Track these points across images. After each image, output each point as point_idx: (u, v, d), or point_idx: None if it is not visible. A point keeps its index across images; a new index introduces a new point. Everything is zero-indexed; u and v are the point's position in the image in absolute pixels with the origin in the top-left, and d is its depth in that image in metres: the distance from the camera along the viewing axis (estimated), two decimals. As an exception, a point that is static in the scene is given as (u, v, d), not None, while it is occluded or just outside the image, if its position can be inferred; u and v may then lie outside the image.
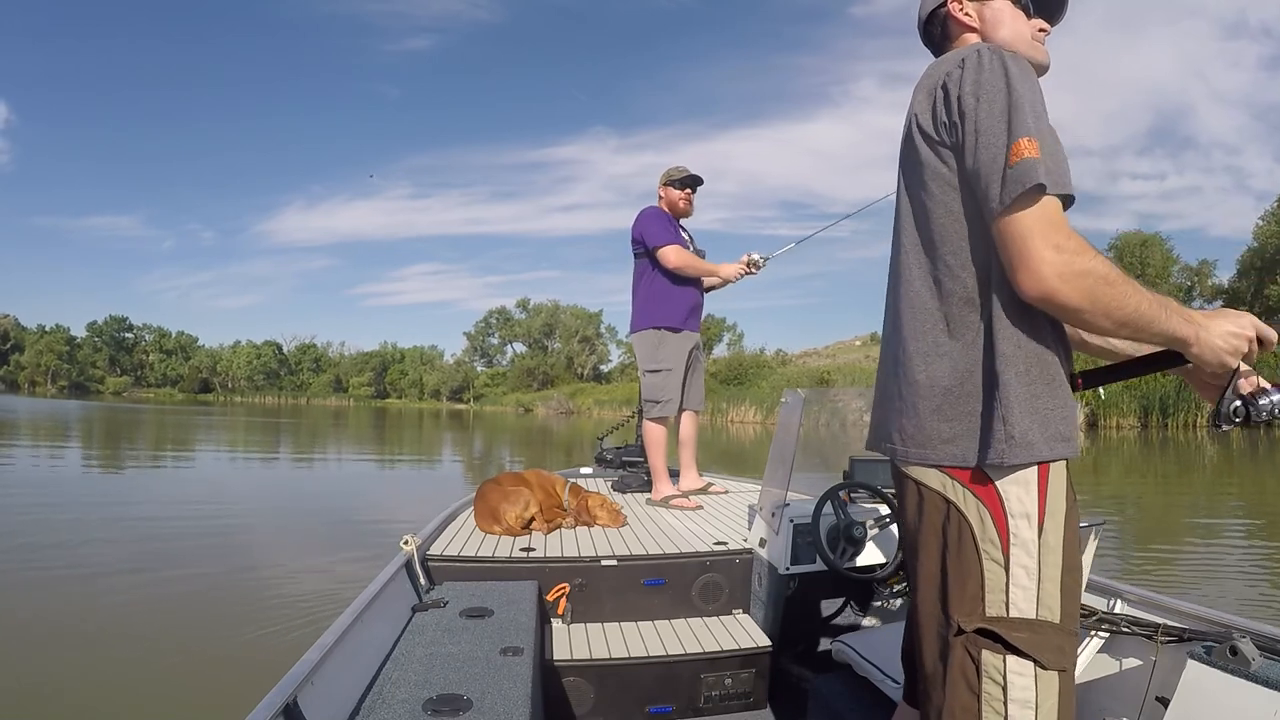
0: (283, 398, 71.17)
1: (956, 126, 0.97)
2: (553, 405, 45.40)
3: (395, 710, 1.24)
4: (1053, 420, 0.96)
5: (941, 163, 1.01)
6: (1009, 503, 0.96)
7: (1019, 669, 0.93)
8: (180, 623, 3.72)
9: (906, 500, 1.08)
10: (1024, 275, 0.90)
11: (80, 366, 75.71)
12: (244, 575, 4.70)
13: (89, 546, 5.31)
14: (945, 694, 0.97)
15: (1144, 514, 7.86)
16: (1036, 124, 0.92)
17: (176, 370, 78.88)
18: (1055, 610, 0.95)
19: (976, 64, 0.96)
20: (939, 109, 1.00)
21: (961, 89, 0.97)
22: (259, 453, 14.87)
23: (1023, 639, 0.93)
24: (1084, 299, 0.90)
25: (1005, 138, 0.92)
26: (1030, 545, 0.95)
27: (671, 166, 3.36)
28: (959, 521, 0.98)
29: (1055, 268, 0.88)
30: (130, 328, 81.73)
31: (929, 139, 1.02)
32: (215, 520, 6.54)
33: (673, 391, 3.17)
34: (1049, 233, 0.89)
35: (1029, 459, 0.95)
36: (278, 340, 79.29)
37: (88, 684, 2.93)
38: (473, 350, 67.21)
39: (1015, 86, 0.93)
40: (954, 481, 0.99)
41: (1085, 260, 0.89)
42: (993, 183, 0.92)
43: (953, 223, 1.00)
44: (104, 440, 16.87)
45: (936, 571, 1.00)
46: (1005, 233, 0.92)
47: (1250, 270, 32.94)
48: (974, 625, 0.95)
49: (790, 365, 41.93)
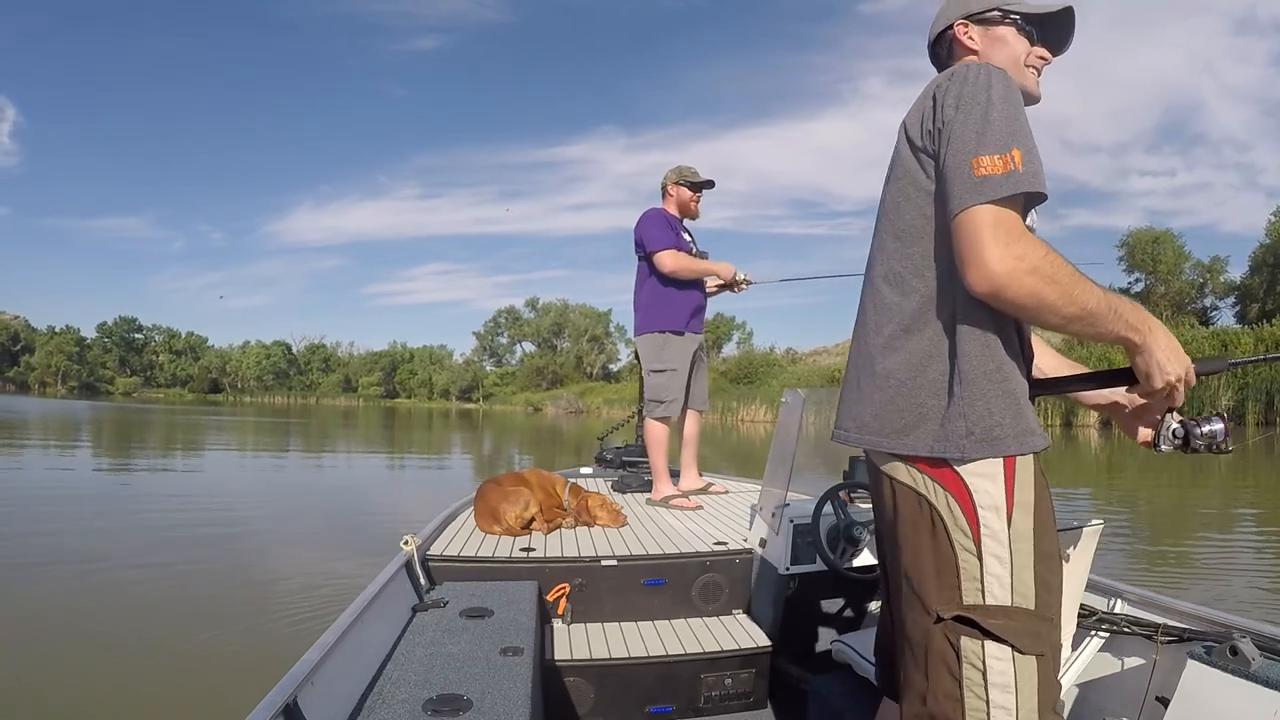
0: (292, 398, 71.65)
1: (939, 134, 1.02)
2: (562, 404, 45.55)
3: (395, 710, 1.25)
4: (1012, 415, 0.99)
5: (920, 168, 1.06)
6: (976, 495, 0.99)
7: (997, 654, 0.96)
8: (180, 623, 3.73)
9: (881, 495, 1.11)
10: (973, 271, 0.94)
11: (90, 367, 76.44)
12: (247, 575, 4.73)
13: (91, 545, 5.35)
14: (928, 679, 1.00)
15: (1156, 513, 7.81)
16: (1010, 139, 0.95)
17: (186, 370, 79.56)
18: (1030, 597, 0.98)
19: (963, 77, 1.01)
20: (925, 117, 1.05)
21: (945, 99, 1.02)
22: (267, 452, 14.94)
23: (998, 625, 0.96)
24: (1029, 295, 0.93)
25: (974, 148, 0.96)
26: (1000, 534, 0.98)
27: (682, 165, 3.33)
28: (930, 513, 1.01)
29: (1003, 264, 0.92)
30: (140, 328, 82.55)
31: (913, 145, 1.07)
32: (219, 521, 6.57)
33: (677, 391, 3.18)
34: (998, 232, 0.93)
35: (990, 454, 0.98)
36: (287, 340, 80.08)
37: (87, 683, 2.95)
38: (482, 350, 67.69)
39: (994, 101, 0.97)
40: (923, 475, 1.02)
41: (1032, 258, 0.93)
42: (954, 186, 0.97)
43: (923, 224, 1.05)
44: (113, 440, 16.98)
45: (913, 562, 1.04)
46: (958, 232, 0.96)
47: (1262, 267, 32.65)
48: (951, 613, 0.98)
49: (801, 364, 41.77)
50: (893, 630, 1.14)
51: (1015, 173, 0.94)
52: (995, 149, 0.95)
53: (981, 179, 0.94)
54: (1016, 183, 0.94)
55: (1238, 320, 32.68)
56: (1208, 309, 35.56)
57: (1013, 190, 0.93)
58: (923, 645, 1.01)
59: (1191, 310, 34.00)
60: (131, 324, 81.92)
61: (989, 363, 1.00)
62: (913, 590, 1.03)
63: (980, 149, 0.95)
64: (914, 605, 1.03)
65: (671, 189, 3.31)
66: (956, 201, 0.96)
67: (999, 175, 0.94)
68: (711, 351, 46.96)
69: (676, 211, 3.32)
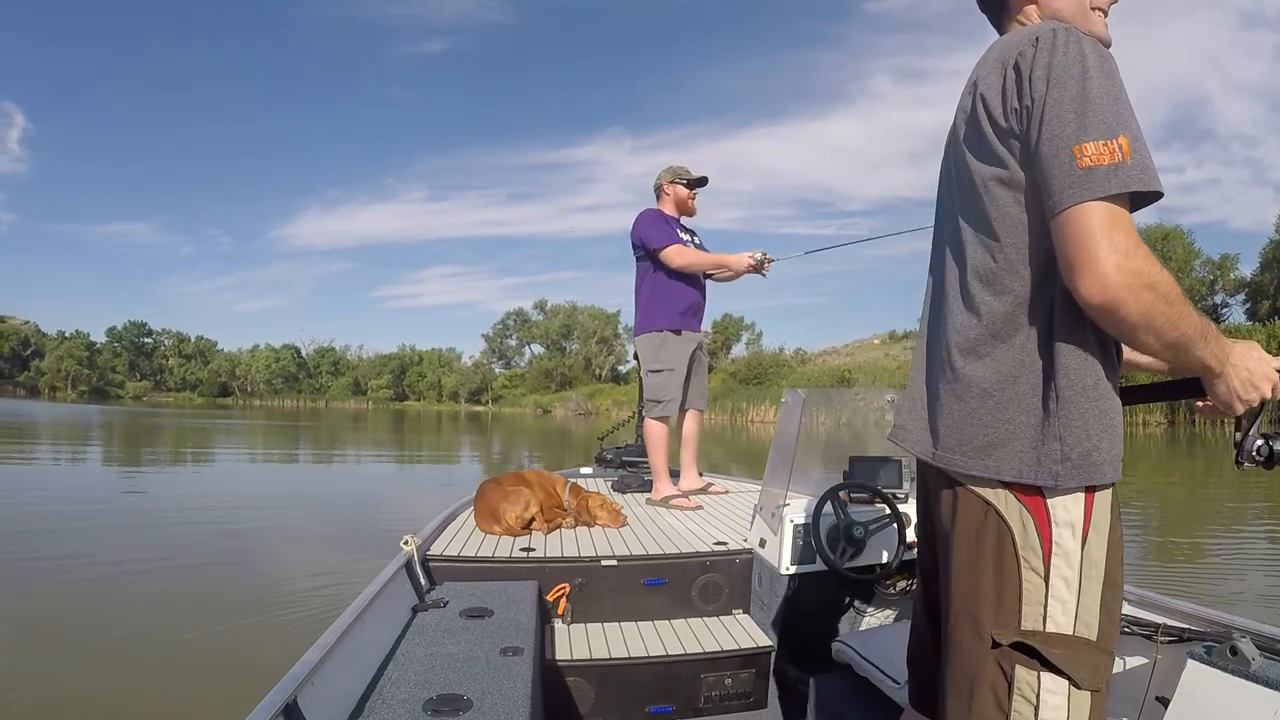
0: (301, 401, 71.82)
1: (1026, 112, 0.89)
2: (571, 406, 45.57)
3: (395, 710, 1.25)
4: (1109, 438, 0.89)
5: (1005, 150, 0.92)
6: (1054, 511, 0.90)
7: (1054, 687, 0.88)
8: (180, 623, 3.75)
9: (939, 501, 1.00)
10: (1087, 279, 0.82)
11: (100, 371, 76.78)
12: (250, 576, 4.75)
13: (94, 547, 5.38)
14: (969, 708, 0.92)
15: (1168, 511, 7.76)
16: (1116, 122, 0.84)
17: (195, 374, 79.83)
18: (1093, 627, 0.90)
19: (1051, 45, 0.88)
20: (1009, 91, 0.91)
21: (1034, 70, 0.88)
22: (277, 456, 14.98)
23: (1060, 655, 0.88)
24: (1141, 314, 0.83)
25: (1074, 134, 0.84)
26: (1073, 556, 0.89)
27: (675, 165, 3.35)
28: (999, 526, 0.92)
29: (1122, 275, 0.81)
30: (149, 333, 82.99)
31: (995, 123, 0.92)
32: (225, 523, 6.59)
33: (674, 391, 3.18)
34: (1115, 237, 0.82)
35: (1087, 481, 0.89)
36: (296, 344, 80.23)
37: (89, 683, 2.97)
38: (491, 352, 67.54)
39: (1092, 76, 0.85)
40: (996, 484, 0.93)
41: (1150, 272, 0.82)
42: (1054, 179, 0.85)
43: (1013, 215, 0.92)
44: (123, 444, 17.08)
45: (969, 577, 0.94)
46: (1066, 232, 0.84)
47: (1273, 263, 32.55)
48: (1010, 639, 0.90)
49: (810, 364, 41.75)
50: (931, 647, 1.06)
51: (1123, 165, 0.82)
52: (1099, 134, 0.82)
53: (1086, 170, 0.82)
54: (1126, 178, 0.82)
55: (1248, 317, 32.64)
56: (1218, 306, 35.43)
57: (1121, 188, 0.82)
58: (969, 672, 0.93)
59: (1202, 307, 33.68)
60: (141, 328, 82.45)
61: (1087, 377, 0.89)
62: (965, 610, 0.94)
63: (1082, 134, 0.83)
64: (963, 627, 0.94)
65: (668, 188, 3.33)
66: (1059, 196, 0.84)
67: (1105, 167, 0.82)
68: (720, 352, 46.89)
69: (674, 210, 3.34)
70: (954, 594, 0.96)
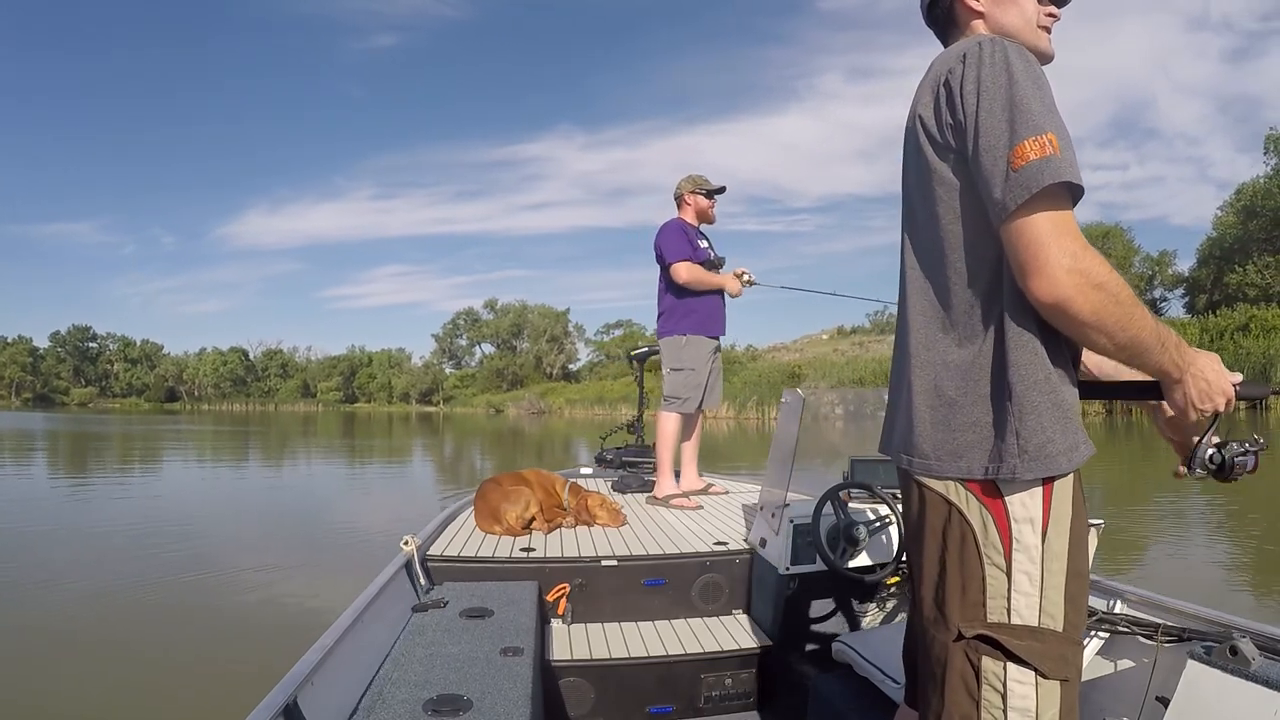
0: (250, 404, 71.02)
1: (960, 126, 0.93)
2: (524, 405, 45.28)
3: (395, 710, 1.25)
4: (1062, 429, 0.93)
5: (946, 165, 0.97)
6: (1013, 508, 0.93)
7: (1019, 677, 0.92)
8: (180, 624, 3.74)
9: (910, 500, 1.06)
10: (1039, 281, 0.86)
11: (44, 378, 75.43)
12: (247, 577, 4.73)
13: (84, 553, 5.35)
14: (944, 699, 0.96)
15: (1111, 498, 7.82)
16: (1043, 120, 0.88)
17: (142, 379, 78.48)
18: (1058, 618, 0.93)
19: (978, 59, 0.93)
20: (942, 109, 0.96)
21: (964, 86, 0.93)
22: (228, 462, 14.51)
23: (1023, 647, 0.91)
24: (1091, 313, 0.87)
25: (1008, 138, 0.88)
26: (1034, 551, 0.92)
27: (695, 175, 3.43)
28: (961, 524, 0.96)
29: (1071, 276, 0.85)
30: (94, 337, 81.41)
31: (933, 140, 0.98)
32: (219, 526, 6.57)
33: (694, 389, 3.27)
34: (1062, 239, 0.86)
35: (1044, 473, 0.92)
36: (244, 346, 79.13)
37: (89, 687, 2.96)
38: (441, 352, 66.96)
39: (1019, 81, 0.89)
40: (958, 484, 0.97)
41: (1098, 272, 0.86)
42: (996, 186, 0.89)
43: (959, 227, 0.97)
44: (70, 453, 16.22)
45: (936, 574, 0.99)
46: (1016, 237, 0.88)
47: (1210, 259, 33.26)
48: (974, 631, 0.94)
49: (760, 360, 41.48)
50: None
51: (1054, 158, 0.86)
52: (1029, 132, 0.87)
53: (1020, 169, 0.86)
54: (1057, 170, 0.85)
55: (1186, 311, 33.58)
56: (1157, 301, 36.20)
57: (1054, 178, 0.85)
58: (942, 663, 0.97)
59: (1143, 302, 34.51)
60: (85, 333, 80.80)
61: (1038, 372, 0.92)
62: (936, 604, 0.99)
63: (1014, 137, 0.87)
64: (936, 621, 0.99)
65: (689, 198, 3.40)
66: (1003, 201, 0.88)
67: (1038, 160, 0.86)
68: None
69: (695, 220, 3.42)
70: (924, 589, 1.01)
